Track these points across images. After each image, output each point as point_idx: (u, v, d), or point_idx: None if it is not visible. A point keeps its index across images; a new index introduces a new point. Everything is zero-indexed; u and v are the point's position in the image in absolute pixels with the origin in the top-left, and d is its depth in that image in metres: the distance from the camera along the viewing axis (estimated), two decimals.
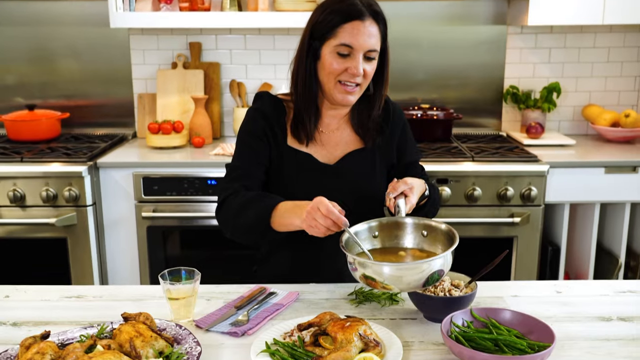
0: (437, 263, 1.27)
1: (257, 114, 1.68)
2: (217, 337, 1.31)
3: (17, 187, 2.66)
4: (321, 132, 1.69)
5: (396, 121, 1.75)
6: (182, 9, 3.00)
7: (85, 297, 1.51)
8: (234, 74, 3.28)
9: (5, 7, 3.19)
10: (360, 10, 1.53)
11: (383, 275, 1.27)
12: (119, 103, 3.31)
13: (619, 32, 3.25)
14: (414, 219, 1.48)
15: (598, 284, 1.59)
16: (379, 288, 1.29)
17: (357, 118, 1.70)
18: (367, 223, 1.48)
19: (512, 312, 1.27)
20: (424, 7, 3.22)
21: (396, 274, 1.27)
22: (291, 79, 1.66)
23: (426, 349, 1.26)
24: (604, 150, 2.99)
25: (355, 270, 1.31)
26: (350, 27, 1.53)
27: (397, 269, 1.28)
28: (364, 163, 1.69)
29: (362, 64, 1.55)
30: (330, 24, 1.54)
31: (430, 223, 1.46)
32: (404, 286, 1.28)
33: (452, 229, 1.40)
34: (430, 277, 1.27)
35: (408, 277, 1.27)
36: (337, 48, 1.54)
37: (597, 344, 1.27)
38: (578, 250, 3.04)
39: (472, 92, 3.33)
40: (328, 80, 1.58)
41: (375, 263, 1.30)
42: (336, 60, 1.55)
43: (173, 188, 2.74)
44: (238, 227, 1.57)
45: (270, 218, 1.49)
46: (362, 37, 1.53)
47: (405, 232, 1.47)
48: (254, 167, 1.64)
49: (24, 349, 1.14)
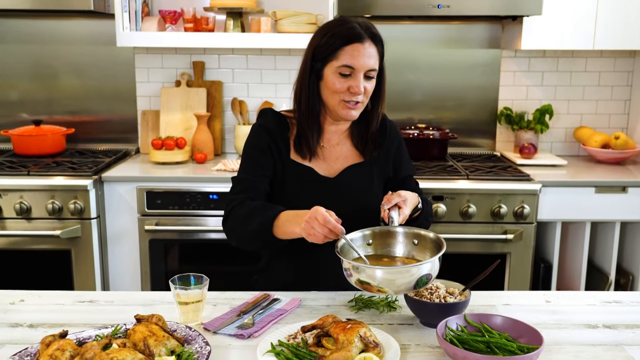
0: (425, 267, 1.37)
1: (261, 129, 1.77)
2: (225, 339, 1.38)
3: (24, 199, 2.73)
4: (323, 147, 1.78)
5: (392, 137, 1.85)
6: (186, 30, 3.10)
7: (97, 302, 1.58)
8: (236, 92, 3.37)
9: (14, 25, 3.29)
10: (360, 33, 1.64)
11: (376, 278, 1.36)
12: (123, 119, 3.39)
13: (610, 57, 3.37)
14: (404, 228, 1.57)
15: (586, 295, 1.67)
16: (374, 291, 1.38)
17: (357, 133, 1.80)
18: (362, 231, 1.58)
19: (504, 318, 1.35)
20: (422, 30, 3.33)
21: (388, 277, 1.37)
22: (294, 98, 1.76)
23: (422, 351, 1.34)
24: (595, 171, 3.09)
25: (351, 275, 1.41)
26: (351, 49, 1.63)
27: (388, 272, 1.38)
28: (362, 176, 1.78)
29: (362, 83, 1.65)
30: (332, 47, 1.64)
31: (420, 232, 1.57)
32: (396, 288, 1.38)
33: (440, 237, 1.51)
34: (419, 280, 1.36)
35: (399, 280, 1.37)
36: (339, 69, 1.64)
37: (582, 349, 1.35)
38: (569, 267, 3.12)
39: (468, 113, 3.43)
40: (332, 98, 1.68)
41: (369, 267, 1.40)
42: (338, 80, 1.65)
43: (175, 202, 2.81)
44: (243, 235, 1.66)
45: (272, 227, 1.57)
46: (362, 58, 1.63)
47: (397, 241, 1.57)
48: (259, 179, 1.73)
49: (45, 346, 1.20)
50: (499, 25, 3.32)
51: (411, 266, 1.40)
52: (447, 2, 2.82)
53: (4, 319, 1.48)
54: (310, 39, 1.72)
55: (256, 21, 3.07)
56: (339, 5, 2.84)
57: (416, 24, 3.32)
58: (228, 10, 3.09)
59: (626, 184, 2.87)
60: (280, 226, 1.57)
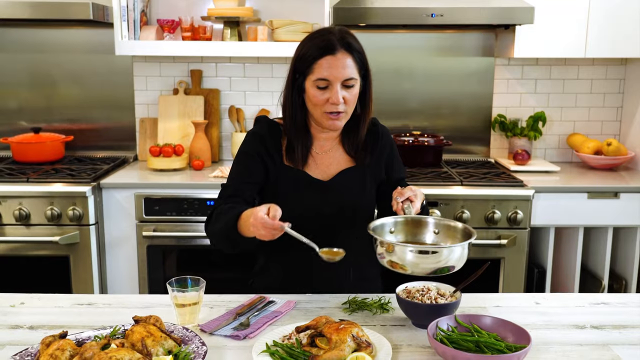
0: (456, 250, 1.45)
1: (254, 137, 1.82)
2: (221, 340, 1.42)
3: (23, 206, 2.76)
4: (315, 154, 1.82)
5: (384, 142, 1.89)
6: (184, 38, 3.14)
7: (95, 304, 1.61)
8: (233, 100, 3.42)
9: (13, 34, 3.33)
10: (332, 45, 1.66)
11: (406, 259, 1.44)
12: (121, 127, 3.43)
13: (602, 65, 3.42)
14: (430, 218, 1.64)
15: (575, 297, 1.71)
16: (406, 271, 1.45)
17: (347, 140, 1.83)
18: (384, 219, 1.62)
19: (493, 318, 1.38)
20: (417, 39, 3.38)
21: (415, 260, 1.44)
22: (282, 110, 1.80)
23: (414, 351, 1.37)
24: (588, 177, 3.13)
25: (383, 256, 1.48)
26: (325, 62, 1.66)
27: (417, 251, 1.45)
28: (355, 180, 1.81)
29: (340, 93, 1.67)
30: (307, 61, 1.68)
31: (448, 222, 1.63)
32: (419, 270, 1.44)
33: (469, 227, 1.58)
34: (444, 268, 1.44)
35: (425, 262, 1.44)
36: (316, 82, 1.68)
37: (570, 348, 1.38)
38: (563, 272, 3.15)
39: (462, 120, 3.47)
40: (315, 110, 1.72)
41: (399, 244, 1.48)
42: (317, 93, 1.69)
43: (173, 208, 2.84)
44: (215, 235, 1.71)
45: (237, 226, 1.60)
46: (336, 69, 1.66)
47: (421, 230, 1.62)
48: (244, 185, 1.77)
49: (45, 346, 1.24)
50: (492, 33, 3.37)
51: (444, 247, 1.50)
52: (440, 12, 2.87)
53: (5, 321, 1.51)
54: (295, 50, 1.76)
55: (253, 30, 3.11)
56: (334, 14, 2.88)
57: (411, 32, 3.36)
58: (225, 20, 3.14)
59: (618, 190, 2.91)
60: (241, 227, 1.60)
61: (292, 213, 1.65)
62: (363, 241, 1.84)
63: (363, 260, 1.82)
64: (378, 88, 3.28)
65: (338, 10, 2.88)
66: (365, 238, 1.84)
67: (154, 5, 3.28)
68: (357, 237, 1.77)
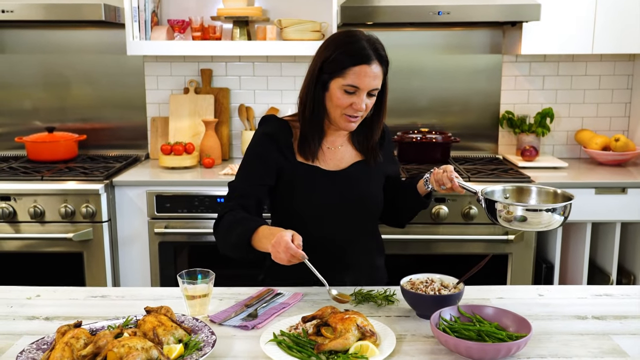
0: (558, 209, 1.64)
1: (264, 137, 1.85)
2: (230, 330, 1.46)
3: (38, 203, 2.82)
4: (327, 149, 1.87)
5: (388, 139, 1.99)
6: (194, 38, 3.19)
7: (109, 297, 1.66)
8: (242, 98, 3.46)
9: (27, 35, 3.40)
10: (368, 54, 1.72)
11: (518, 215, 1.61)
12: (133, 126, 3.49)
13: (609, 61, 3.42)
14: (533, 186, 1.82)
15: (578, 289, 1.73)
16: (518, 227, 1.63)
17: (357, 139, 1.90)
18: (500, 186, 1.81)
19: (495, 309, 1.42)
20: (424, 37, 3.40)
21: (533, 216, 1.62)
22: (299, 103, 1.84)
23: (417, 340, 1.40)
24: (595, 173, 3.14)
25: (501, 216, 1.64)
26: (359, 70, 1.72)
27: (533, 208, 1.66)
28: (367, 171, 1.89)
29: (365, 100, 1.75)
30: (340, 65, 1.73)
31: (547, 189, 1.80)
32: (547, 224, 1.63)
33: (566, 191, 1.78)
34: None
35: (538, 218, 1.63)
36: (345, 87, 1.73)
37: (571, 338, 1.41)
38: (571, 267, 3.17)
39: (470, 117, 3.49)
40: (334, 111, 1.78)
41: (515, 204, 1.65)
42: (343, 96, 1.74)
43: (184, 206, 2.89)
44: (226, 245, 1.76)
45: (251, 240, 1.66)
46: (368, 79, 1.72)
47: (528, 197, 1.81)
48: (253, 187, 1.81)
49: (60, 334, 1.28)
50: (499, 30, 3.38)
51: (547, 206, 1.68)
52: (447, 9, 2.89)
53: (21, 312, 1.56)
54: (320, 48, 1.80)
55: (262, 29, 3.15)
56: (342, 13, 2.92)
57: (418, 30, 3.39)
58: (235, 19, 3.18)
59: (626, 185, 2.92)
60: (257, 241, 1.65)
61: (308, 205, 1.75)
62: (374, 231, 1.92)
63: (373, 248, 1.91)
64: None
65: (346, 9, 2.91)
66: (375, 228, 1.92)
67: (165, 5, 3.34)
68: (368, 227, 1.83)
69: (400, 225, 2.04)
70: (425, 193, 1.87)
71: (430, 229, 2.86)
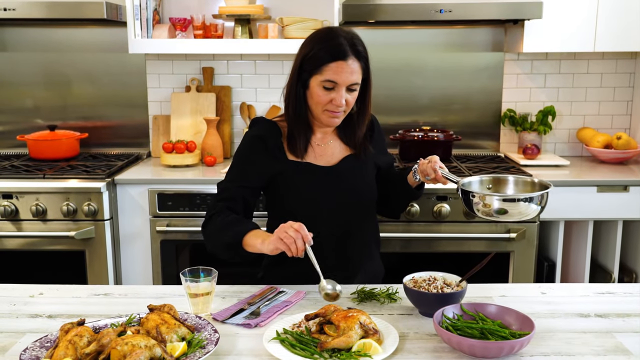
0: (535, 198, 1.66)
1: (254, 139, 1.87)
2: (233, 328, 1.46)
3: (40, 201, 2.82)
4: (317, 146, 1.89)
5: (376, 129, 2.01)
6: (196, 36, 3.19)
7: (111, 295, 1.66)
8: (244, 97, 3.46)
9: (29, 34, 3.40)
10: (344, 50, 1.74)
11: (494, 205, 1.63)
12: (134, 124, 3.49)
13: (611, 59, 3.42)
14: (510, 176, 1.85)
15: (580, 287, 1.74)
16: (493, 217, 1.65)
17: (344, 134, 1.92)
18: (479, 177, 1.84)
19: (497, 307, 1.42)
20: (426, 35, 3.40)
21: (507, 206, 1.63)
22: (284, 101, 1.87)
23: (420, 338, 1.40)
24: (597, 171, 3.14)
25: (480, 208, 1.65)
26: (335, 66, 1.73)
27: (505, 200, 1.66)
28: (358, 164, 1.91)
29: (344, 96, 1.77)
30: (317, 62, 1.75)
31: (525, 178, 1.82)
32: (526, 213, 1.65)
33: (544, 180, 1.79)
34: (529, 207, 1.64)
35: (517, 208, 1.64)
36: (323, 83, 1.75)
37: (574, 336, 1.41)
38: (573, 265, 3.17)
39: (472, 116, 3.49)
40: (316, 108, 1.80)
41: (491, 194, 1.69)
42: (322, 93, 1.76)
43: (186, 204, 2.89)
44: (217, 245, 1.77)
45: (242, 242, 1.67)
46: (345, 74, 1.74)
47: (505, 187, 1.83)
48: (241, 190, 1.82)
49: (64, 332, 1.28)
50: (501, 28, 3.38)
51: (524, 195, 1.69)
52: (449, 7, 2.89)
53: (24, 310, 1.57)
54: (300, 46, 1.83)
55: (263, 27, 3.15)
56: (343, 11, 2.91)
57: (420, 28, 3.39)
58: (236, 17, 3.18)
59: (628, 183, 2.92)
60: (249, 239, 1.66)
61: (304, 202, 1.73)
62: (370, 223, 1.93)
63: (370, 240, 1.94)
64: (388, 84, 3.38)
65: (347, 7, 2.91)
66: (371, 220, 1.94)
67: (166, 3, 3.34)
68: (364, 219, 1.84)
69: (394, 215, 2.10)
70: (415, 184, 1.91)
71: (432, 227, 2.86)
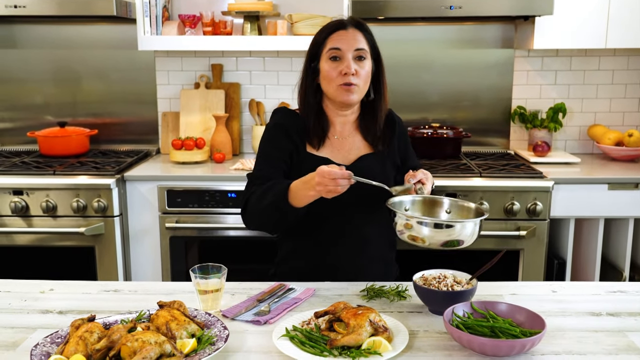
0: (468, 226, 1.54)
1: (276, 127, 1.88)
2: (242, 325, 1.46)
3: (50, 198, 2.83)
4: (335, 139, 1.89)
5: (400, 131, 1.98)
6: (205, 33, 3.19)
7: (121, 291, 1.67)
8: (253, 93, 3.46)
9: (40, 30, 3.41)
10: (342, 22, 1.82)
11: (422, 231, 1.52)
12: (144, 121, 3.49)
13: (623, 56, 3.39)
14: (445, 198, 1.72)
15: (591, 285, 1.72)
16: (417, 241, 1.54)
17: (364, 126, 1.91)
18: (402, 197, 1.69)
19: (508, 305, 1.41)
20: (436, 31, 3.38)
21: (429, 232, 1.52)
22: (298, 99, 1.91)
23: (430, 336, 1.40)
24: (608, 168, 3.12)
25: (402, 232, 1.56)
26: (336, 35, 1.80)
27: (433, 224, 1.54)
28: (375, 164, 1.88)
29: (353, 64, 1.77)
30: (320, 39, 1.82)
31: (462, 203, 1.71)
32: (434, 242, 1.52)
33: (481, 207, 1.68)
34: (453, 241, 1.51)
35: (440, 235, 1.52)
36: (329, 53, 1.79)
37: (585, 335, 1.40)
38: (583, 263, 3.15)
39: (482, 113, 3.47)
40: (330, 86, 1.81)
41: (419, 217, 1.56)
42: (330, 65, 1.79)
43: (195, 200, 2.89)
44: (261, 212, 1.74)
45: (287, 197, 1.67)
46: (347, 40, 1.78)
47: (435, 209, 1.70)
48: (274, 174, 1.82)
49: (74, 328, 1.29)
50: (511, 25, 3.36)
51: (457, 221, 1.57)
52: (459, 3, 2.87)
53: (35, 306, 1.57)
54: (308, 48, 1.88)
55: (272, 24, 3.15)
56: (352, 7, 2.90)
57: (430, 25, 3.37)
58: (245, 14, 3.18)
59: (639, 181, 2.90)
60: (294, 195, 1.66)
61: (316, 199, 1.72)
62: (383, 226, 1.92)
63: (384, 243, 1.91)
64: (397, 80, 3.37)
65: (356, 3, 2.90)
66: (385, 223, 1.92)
67: (176, 0, 3.34)
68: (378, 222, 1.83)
69: None
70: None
71: None
